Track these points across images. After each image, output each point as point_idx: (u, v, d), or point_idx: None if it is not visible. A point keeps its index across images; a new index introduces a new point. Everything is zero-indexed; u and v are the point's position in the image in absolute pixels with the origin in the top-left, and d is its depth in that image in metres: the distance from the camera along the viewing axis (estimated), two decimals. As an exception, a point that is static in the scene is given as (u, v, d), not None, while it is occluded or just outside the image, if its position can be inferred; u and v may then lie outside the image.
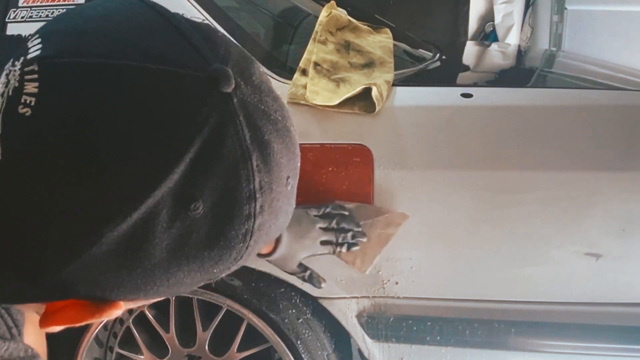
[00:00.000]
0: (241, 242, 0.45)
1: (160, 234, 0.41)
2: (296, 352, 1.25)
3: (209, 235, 0.43)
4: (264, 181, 0.44)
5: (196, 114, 0.41)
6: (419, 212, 1.17)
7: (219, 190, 0.42)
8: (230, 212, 0.43)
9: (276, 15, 1.79)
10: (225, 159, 0.42)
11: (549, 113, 1.18)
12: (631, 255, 1.15)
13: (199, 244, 0.43)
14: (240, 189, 0.43)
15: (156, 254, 0.42)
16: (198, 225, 0.42)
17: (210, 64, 0.43)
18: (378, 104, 1.17)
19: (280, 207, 0.48)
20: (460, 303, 1.21)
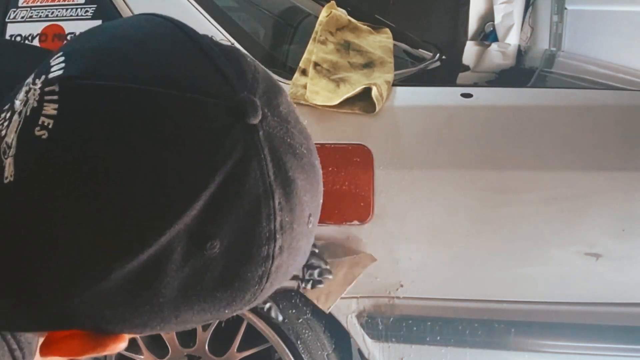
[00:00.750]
0: (257, 284, 0.42)
1: (172, 272, 0.39)
2: (296, 352, 1.25)
3: (223, 275, 0.40)
4: (285, 220, 0.41)
5: (220, 146, 0.38)
6: (419, 212, 1.17)
7: (238, 229, 0.40)
8: (248, 252, 0.41)
9: (276, 15, 1.79)
10: (247, 196, 0.39)
11: (549, 113, 1.18)
12: (631, 255, 1.15)
13: (212, 284, 0.41)
14: (260, 228, 0.40)
15: (167, 293, 0.40)
16: (213, 265, 0.40)
17: (238, 93, 0.40)
18: (378, 104, 1.17)
19: (300, 247, 0.44)
20: (460, 303, 1.21)
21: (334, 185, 1.17)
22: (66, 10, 1.31)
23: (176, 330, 0.47)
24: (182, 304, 0.41)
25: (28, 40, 1.31)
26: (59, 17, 1.31)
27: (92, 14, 1.30)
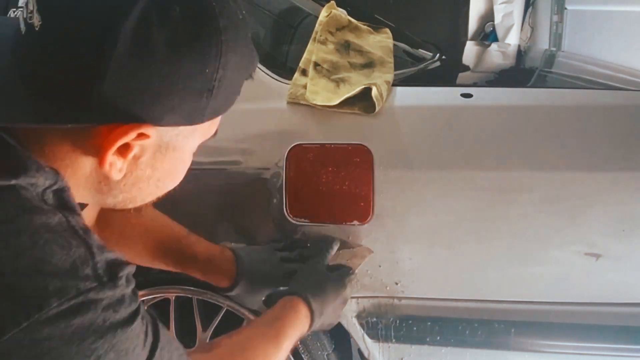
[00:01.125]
0: (214, 58, 0.59)
1: (156, 30, 0.54)
2: (296, 352, 1.25)
3: (191, 33, 0.56)
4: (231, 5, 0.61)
5: None
6: (419, 212, 1.17)
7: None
8: (202, 19, 0.58)
9: (276, 15, 1.79)
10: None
11: (549, 113, 1.18)
12: (631, 255, 1.15)
13: (185, 40, 0.56)
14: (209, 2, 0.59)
15: (159, 49, 0.55)
16: (181, 26, 0.56)
17: None
18: (378, 104, 1.17)
19: (247, 38, 0.64)
20: (460, 303, 1.21)
21: (334, 185, 1.17)
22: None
23: (186, 118, 0.62)
24: (173, 59, 0.56)
25: (28, 40, 1.31)
26: (59, 17, 1.31)
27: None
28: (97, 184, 0.64)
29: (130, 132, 0.58)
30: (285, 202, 1.20)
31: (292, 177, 1.19)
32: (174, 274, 1.27)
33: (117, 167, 0.61)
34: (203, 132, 0.68)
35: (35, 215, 0.55)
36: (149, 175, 0.66)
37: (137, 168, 0.64)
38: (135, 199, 0.69)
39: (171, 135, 0.63)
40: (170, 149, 0.64)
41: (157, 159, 0.64)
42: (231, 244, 1.15)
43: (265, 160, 1.20)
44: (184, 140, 0.65)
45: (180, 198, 1.24)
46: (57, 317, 0.52)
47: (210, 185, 1.23)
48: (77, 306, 0.53)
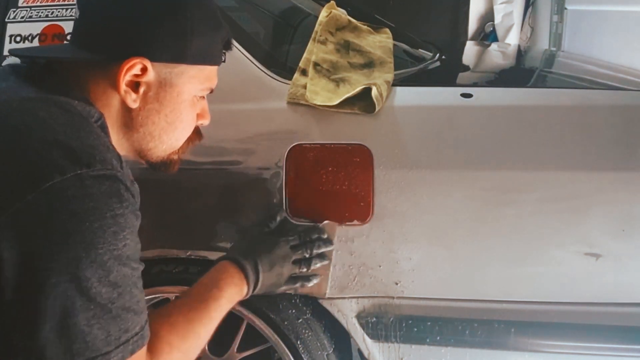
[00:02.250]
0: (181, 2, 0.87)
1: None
2: (296, 352, 1.25)
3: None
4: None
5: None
6: (419, 212, 1.17)
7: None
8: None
9: (276, 15, 1.79)
10: None
11: (549, 113, 1.18)
12: (631, 255, 1.15)
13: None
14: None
15: (142, 6, 0.85)
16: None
17: None
18: (378, 104, 1.17)
19: (208, 11, 0.90)
20: (460, 303, 1.21)
21: (334, 185, 1.17)
22: (66, 10, 1.31)
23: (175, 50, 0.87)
24: (152, 10, 0.85)
25: (28, 40, 1.32)
26: (59, 17, 1.31)
27: (92, 14, 1.30)
28: (122, 117, 0.87)
29: (133, 62, 0.83)
30: (285, 202, 1.20)
31: (292, 177, 1.19)
32: (173, 274, 1.27)
33: (132, 97, 0.85)
34: (196, 80, 0.90)
35: (90, 125, 0.80)
36: (157, 108, 0.88)
37: (147, 101, 0.87)
38: (152, 135, 0.90)
39: (165, 72, 0.87)
40: (168, 85, 0.88)
41: (160, 94, 0.88)
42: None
43: (265, 160, 1.20)
44: (177, 78, 0.88)
45: (181, 198, 1.24)
46: (97, 177, 0.73)
47: (210, 185, 1.23)
48: (111, 176, 0.75)
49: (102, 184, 0.73)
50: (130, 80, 0.85)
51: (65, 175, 0.71)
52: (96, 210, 0.72)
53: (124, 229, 0.75)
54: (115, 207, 0.74)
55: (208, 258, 1.25)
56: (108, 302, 0.73)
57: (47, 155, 0.71)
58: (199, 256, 1.25)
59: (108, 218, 0.73)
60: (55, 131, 0.74)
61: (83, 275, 0.71)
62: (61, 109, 0.78)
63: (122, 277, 0.75)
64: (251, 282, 1.04)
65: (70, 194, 0.71)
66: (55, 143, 0.73)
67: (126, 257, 0.76)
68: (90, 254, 0.71)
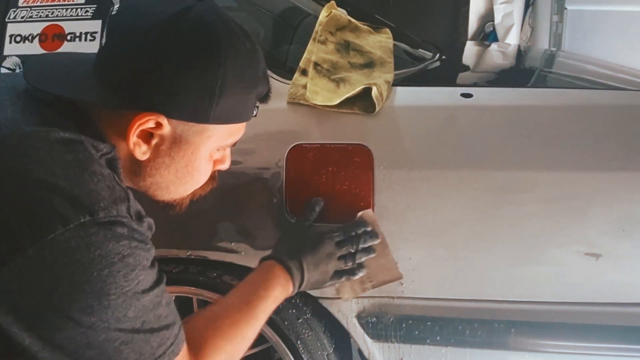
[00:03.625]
0: (214, 59, 0.77)
1: (171, 43, 0.78)
2: (296, 352, 1.25)
3: (196, 47, 0.78)
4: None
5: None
6: (419, 212, 1.17)
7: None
8: (207, 35, 0.78)
9: (276, 15, 1.79)
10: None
11: (548, 113, 1.18)
12: (631, 255, 1.15)
13: (191, 51, 0.78)
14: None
15: (172, 57, 0.77)
16: (190, 41, 0.77)
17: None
18: (378, 104, 1.17)
19: (244, 65, 0.82)
20: (460, 303, 1.21)
21: (334, 185, 1.17)
22: (66, 10, 1.31)
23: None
24: (181, 64, 0.77)
25: (28, 40, 1.32)
26: (59, 17, 1.31)
27: (92, 14, 1.30)
28: (131, 164, 0.83)
29: (147, 118, 0.77)
30: (285, 202, 1.20)
31: (292, 177, 1.19)
32: (173, 274, 1.27)
33: (141, 149, 0.80)
34: (217, 136, 0.84)
35: (94, 163, 0.74)
36: (168, 163, 0.83)
37: (158, 155, 0.82)
38: (160, 186, 0.86)
39: (183, 129, 0.80)
40: (183, 142, 0.81)
41: (173, 150, 0.82)
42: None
43: (265, 160, 1.20)
44: (196, 137, 0.82)
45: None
46: (101, 224, 0.69)
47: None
48: (115, 222, 0.71)
49: (107, 231, 0.70)
50: (144, 130, 0.79)
51: (67, 226, 0.67)
52: (103, 258, 0.68)
53: (134, 268, 0.71)
54: (122, 249, 0.70)
55: (208, 258, 1.25)
56: (133, 332, 0.72)
57: (47, 204, 0.68)
58: (199, 256, 1.25)
59: (116, 263, 0.70)
60: (55, 175, 0.70)
61: (99, 319, 0.69)
62: (64, 146, 0.73)
63: (141, 309, 0.73)
64: (296, 282, 1.03)
65: (75, 245, 0.67)
66: (56, 189, 0.69)
67: (141, 292, 0.73)
68: (102, 302, 0.69)
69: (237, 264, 1.24)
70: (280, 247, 1.10)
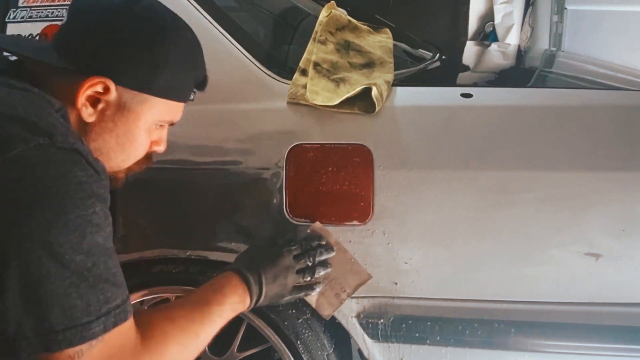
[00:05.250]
0: (160, 36, 0.89)
1: (125, 20, 0.88)
2: (296, 352, 1.25)
3: (146, 25, 0.89)
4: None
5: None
6: (419, 212, 1.17)
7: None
8: (156, 18, 0.91)
9: (276, 15, 1.79)
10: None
11: (548, 113, 1.18)
12: (631, 255, 1.15)
13: (142, 29, 0.89)
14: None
15: (125, 31, 0.88)
16: (142, 20, 0.89)
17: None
18: (378, 104, 1.17)
19: (186, 51, 0.94)
20: (460, 303, 1.21)
21: (334, 185, 1.17)
22: (66, 10, 1.31)
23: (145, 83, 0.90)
24: (131, 37, 0.88)
25: (28, 40, 1.32)
26: (59, 17, 1.31)
27: (92, 14, 1.30)
28: (78, 127, 0.88)
29: (96, 80, 0.85)
30: (285, 202, 1.20)
31: (292, 177, 1.19)
32: (173, 273, 1.27)
33: (88, 111, 0.87)
34: (157, 111, 0.92)
35: (50, 108, 0.81)
36: (111, 128, 0.90)
37: (103, 119, 0.89)
38: (101, 151, 0.90)
39: (128, 97, 0.89)
40: (127, 109, 0.89)
41: (117, 116, 0.89)
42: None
43: (265, 160, 1.20)
44: (138, 106, 0.90)
45: (181, 198, 1.24)
46: (59, 148, 0.75)
47: (210, 185, 1.23)
48: (73, 149, 0.77)
49: (65, 154, 0.76)
50: (91, 95, 0.87)
51: (28, 145, 0.73)
52: (61, 177, 0.74)
53: (90, 196, 0.76)
54: (79, 174, 0.75)
55: (208, 258, 1.25)
56: (84, 270, 0.73)
57: (8, 129, 0.74)
58: (199, 256, 1.25)
59: (73, 184, 0.74)
60: (15, 108, 0.77)
61: (55, 240, 0.72)
62: (22, 92, 0.81)
63: (95, 246, 0.75)
64: (254, 295, 1.04)
65: (35, 162, 0.73)
66: (16, 118, 0.75)
67: (97, 225, 0.76)
68: (61, 218, 0.72)
69: (237, 264, 1.24)
70: (241, 259, 1.11)
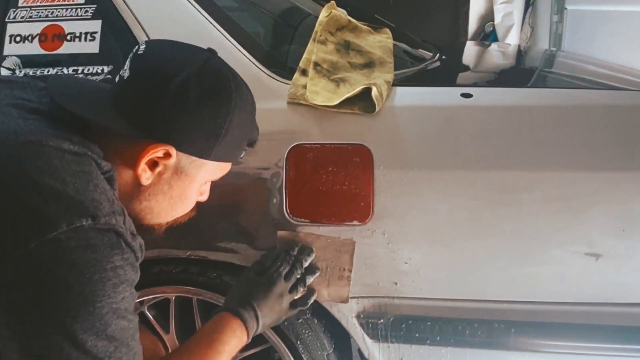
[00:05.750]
0: (225, 106, 0.89)
1: (192, 89, 0.86)
2: (296, 352, 1.25)
3: (213, 95, 0.89)
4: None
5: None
6: (419, 212, 1.17)
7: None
8: (222, 86, 0.90)
9: (276, 15, 1.79)
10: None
11: (549, 113, 1.18)
12: (631, 255, 1.15)
13: (208, 98, 0.88)
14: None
15: (191, 101, 0.86)
16: (208, 89, 0.88)
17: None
18: (378, 104, 1.17)
19: (247, 114, 0.95)
20: (460, 303, 1.21)
21: (334, 185, 1.17)
22: (66, 10, 1.31)
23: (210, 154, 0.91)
24: (198, 108, 0.86)
25: (28, 40, 1.32)
26: (59, 17, 1.31)
27: (92, 14, 1.30)
28: (130, 188, 0.89)
29: (160, 148, 0.86)
30: (285, 202, 1.20)
31: (292, 177, 1.19)
32: (173, 273, 1.27)
33: (146, 175, 0.88)
34: (210, 171, 0.94)
35: (98, 177, 0.81)
36: (166, 191, 0.91)
37: (159, 182, 0.90)
38: (152, 210, 0.93)
39: (186, 162, 0.90)
40: (184, 173, 0.91)
41: (174, 180, 0.91)
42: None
43: (265, 160, 1.20)
44: (195, 170, 0.91)
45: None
46: (100, 230, 0.75)
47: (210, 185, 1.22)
48: (113, 230, 0.77)
49: (105, 236, 0.75)
50: (151, 159, 0.87)
51: (71, 226, 0.73)
52: (96, 263, 0.73)
53: (123, 281, 0.76)
54: (115, 259, 0.76)
55: (208, 258, 1.25)
56: (105, 356, 0.74)
57: (54, 206, 0.73)
58: (199, 256, 1.25)
59: (108, 270, 0.74)
60: (64, 182, 0.76)
61: (80, 327, 0.72)
62: (74, 157, 0.79)
63: (119, 331, 0.76)
64: (252, 331, 1.05)
65: (74, 245, 0.72)
66: (64, 194, 0.74)
67: (124, 310, 0.77)
68: (88, 307, 0.73)
69: (237, 264, 1.24)
70: (233, 297, 1.11)
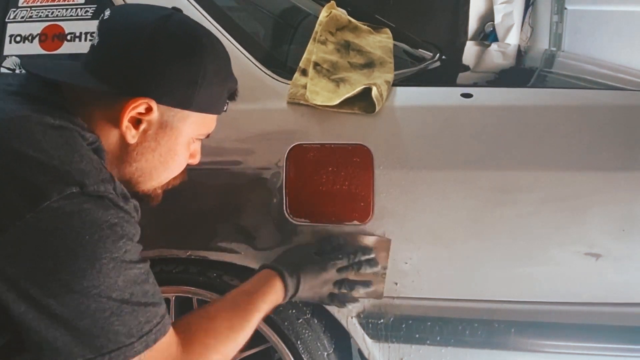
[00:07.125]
0: (197, 55, 0.89)
1: (163, 41, 0.88)
2: (296, 352, 1.25)
3: (184, 44, 0.89)
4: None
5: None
6: (419, 212, 1.17)
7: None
8: (193, 36, 0.91)
9: (276, 15, 1.79)
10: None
11: (549, 113, 1.18)
12: (631, 255, 1.15)
13: (180, 47, 0.89)
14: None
15: (164, 51, 0.88)
16: (179, 39, 0.89)
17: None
18: (378, 104, 1.17)
19: (221, 65, 0.95)
20: (460, 303, 1.21)
21: (334, 185, 1.17)
22: (66, 10, 1.31)
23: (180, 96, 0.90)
24: (171, 57, 0.88)
25: (28, 40, 1.32)
26: (59, 17, 1.31)
27: (92, 14, 1.30)
28: (119, 150, 0.90)
29: (140, 101, 0.86)
30: (285, 202, 1.20)
31: (292, 177, 1.19)
32: (173, 273, 1.27)
33: (131, 133, 0.88)
34: (195, 125, 0.94)
35: (83, 148, 0.82)
36: (154, 147, 0.91)
37: (146, 139, 0.90)
38: (144, 171, 0.93)
39: (169, 115, 0.90)
40: (169, 127, 0.91)
41: (160, 135, 0.91)
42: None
43: (265, 160, 1.20)
44: (180, 123, 0.91)
45: (181, 197, 1.24)
46: (90, 196, 0.77)
47: (210, 185, 1.23)
48: (103, 196, 0.79)
49: (96, 201, 0.78)
50: (133, 116, 0.88)
51: (61, 194, 0.75)
52: (92, 224, 0.76)
53: (122, 236, 0.79)
54: (110, 218, 0.78)
55: (208, 258, 1.25)
56: (122, 302, 0.78)
57: (43, 178, 0.75)
58: (199, 256, 1.25)
59: (105, 229, 0.77)
60: (49, 155, 0.77)
61: (91, 284, 0.75)
62: (57, 131, 0.81)
63: (129, 279, 0.79)
64: (288, 297, 1.07)
65: (69, 210, 0.75)
66: (50, 167, 0.76)
67: (129, 261, 0.79)
68: (95, 265, 0.75)
69: (237, 264, 1.24)
70: (284, 259, 1.13)
